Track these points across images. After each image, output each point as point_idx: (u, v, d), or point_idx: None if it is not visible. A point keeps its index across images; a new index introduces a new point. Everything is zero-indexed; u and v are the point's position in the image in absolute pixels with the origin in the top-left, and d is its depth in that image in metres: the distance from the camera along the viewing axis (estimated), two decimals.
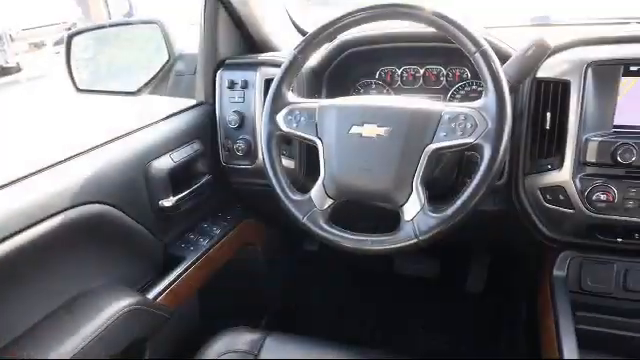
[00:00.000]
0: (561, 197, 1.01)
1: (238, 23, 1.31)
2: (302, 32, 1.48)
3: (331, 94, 1.22)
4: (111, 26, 1.58)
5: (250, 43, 1.37)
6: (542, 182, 1.03)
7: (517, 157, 1.06)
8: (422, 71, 1.24)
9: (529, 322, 1.22)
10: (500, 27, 1.44)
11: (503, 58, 0.97)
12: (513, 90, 0.98)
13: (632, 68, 0.95)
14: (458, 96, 1.22)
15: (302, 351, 1.04)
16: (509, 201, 1.10)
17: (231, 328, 1.11)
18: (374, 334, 1.69)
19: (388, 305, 1.78)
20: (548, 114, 1.01)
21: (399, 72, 1.26)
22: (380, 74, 1.27)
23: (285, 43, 1.40)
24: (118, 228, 1.05)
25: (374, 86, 1.28)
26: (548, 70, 1.02)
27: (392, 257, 1.82)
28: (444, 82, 1.23)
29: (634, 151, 0.94)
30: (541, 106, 1.02)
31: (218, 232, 1.30)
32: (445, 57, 1.21)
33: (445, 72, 1.22)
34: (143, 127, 1.17)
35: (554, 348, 0.91)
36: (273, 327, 1.20)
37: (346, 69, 1.27)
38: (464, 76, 1.21)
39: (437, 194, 0.91)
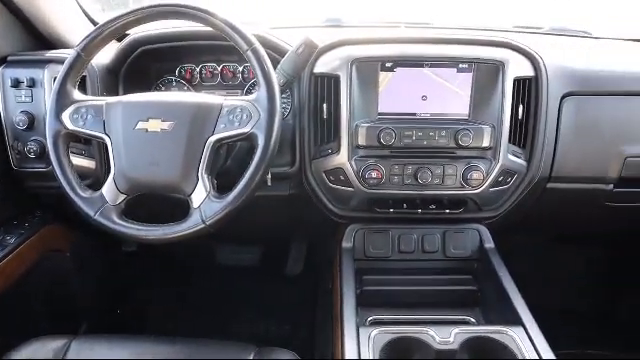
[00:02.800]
0: (342, 177, 1.16)
1: (19, 16, 1.24)
2: None
3: (130, 92, 1.23)
4: None
5: (38, 39, 1.30)
6: (326, 165, 1.17)
7: (303, 145, 1.17)
8: (220, 68, 1.30)
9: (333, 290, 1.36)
10: (296, 27, 1.56)
11: (282, 54, 1.08)
12: (290, 84, 1.09)
13: (387, 64, 1.12)
14: (254, 91, 1.31)
15: (110, 350, 1.04)
16: (301, 185, 1.22)
17: (36, 337, 1.06)
18: (210, 326, 1.73)
19: (216, 296, 1.83)
20: (324, 105, 1.14)
21: (198, 69, 1.30)
22: (180, 71, 1.31)
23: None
24: None
25: (175, 84, 1.31)
26: (323, 66, 1.15)
27: (213, 249, 1.87)
28: (240, 78, 1.30)
29: (393, 134, 1.11)
30: (319, 98, 1.15)
31: (13, 241, 1.22)
32: (239, 54, 1.28)
33: (241, 69, 1.30)
34: None
35: (338, 308, 1.04)
36: (94, 332, 1.17)
37: (144, 67, 1.27)
38: None
39: (233, 182, 0.98)
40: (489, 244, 1.20)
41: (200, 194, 0.94)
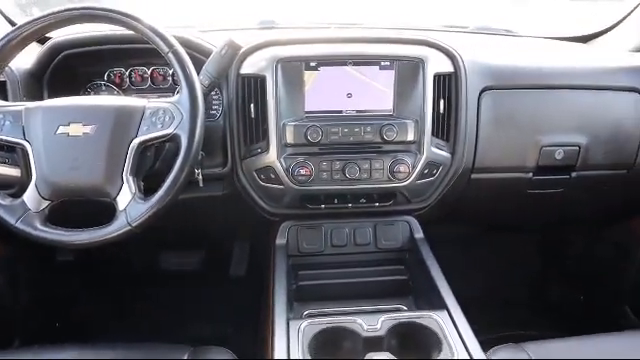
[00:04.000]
0: (272, 175, 1.18)
1: None
2: None
3: (56, 97, 1.20)
4: None
5: None
6: (256, 164, 1.19)
7: (233, 145, 1.19)
8: (149, 72, 1.30)
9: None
10: (229, 30, 1.57)
11: (208, 56, 1.09)
12: (216, 85, 1.10)
13: (311, 64, 1.15)
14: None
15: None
16: (234, 185, 1.23)
17: None
18: (153, 332, 1.71)
19: (160, 303, 1.80)
20: (252, 105, 1.16)
21: (127, 73, 1.29)
22: (109, 76, 1.29)
23: None
24: None
25: (104, 88, 1.29)
26: (249, 67, 1.17)
27: (156, 256, 1.86)
28: (170, 81, 1.30)
29: (320, 132, 1.14)
30: (246, 99, 1.16)
31: None
32: None
33: (171, 72, 1.29)
34: None
35: (270, 304, 1.06)
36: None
37: (71, 71, 1.25)
38: None
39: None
40: (419, 234, 1.25)
41: (125, 196, 0.94)
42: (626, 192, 1.44)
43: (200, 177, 1.14)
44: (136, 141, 0.95)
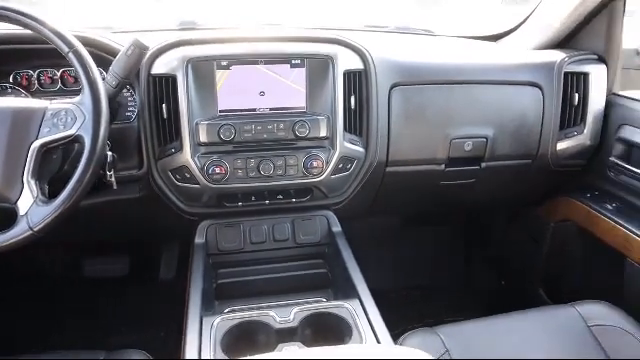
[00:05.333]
0: (187, 175, 1.18)
1: None
2: None
3: None
4: None
5: None
6: (171, 164, 1.18)
7: (147, 145, 1.17)
8: (59, 73, 1.26)
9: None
10: (147, 31, 1.55)
11: (116, 56, 1.08)
12: (124, 86, 1.09)
13: (222, 63, 1.16)
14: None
15: None
16: (150, 186, 1.22)
17: None
18: (79, 340, 1.65)
19: (85, 310, 1.75)
20: (164, 105, 1.15)
21: (35, 75, 1.25)
22: (15, 78, 1.25)
23: None
24: None
25: (10, 90, 1.25)
26: (160, 67, 1.16)
27: (80, 263, 1.80)
28: None
29: (233, 130, 1.15)
30: (158, 99, 1.16)
31: None
32: None
33: None
34: None
35: (186, 302, 1.06)
36: None
37: None
38: None
39: None
40: (336, 228, 1.28)
41: (27, 200, 0.91)
42: (532, 180, 1.54)
43: (113, 179, 1.12)
44: (36, 143, 0.92)
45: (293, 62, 1.19)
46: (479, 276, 2.02)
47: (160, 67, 1.16)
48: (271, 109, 1.20)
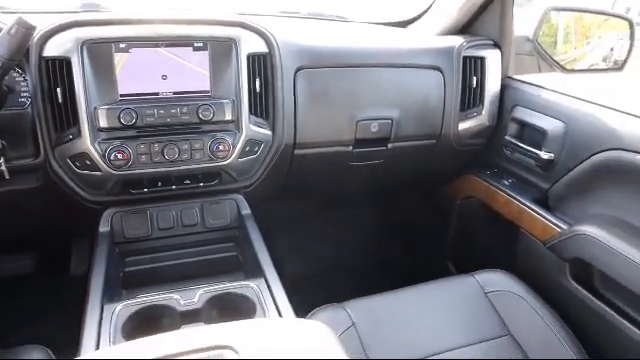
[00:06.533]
0: (88, 162, 1.14)
1: None
2: None
3: None
4: None
5: None
6: (70, 151, 1.14)
7: (43, 132, 1.12)
8: None
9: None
10: (46, 12, 1.47)
11: None
12: (9, 68, 1.03)
13: (121, 45, 1.13)
14: None
15: None
16: (49, 175, 1.17)
17: None
18: None
19: None
20: (59, 89, 1.11)
21: None
22: None
23: None
24: None
25: None
26: (53, 49, 1.11)
27: None
28: None
29: (134, 114, 1.13)
30: (52, 82, 1.11)
31: None
32: None
33: None
34: None
35: (87, 294, 1.02)
36: None
37: None
38: None
39: None
40: (245, 211, 1.29)
41: None
42: (438, 160, 1.62)
43: (3, 168, 1.07)
44: None
45: (196, 45, 1.18)
46: (394, 254, 2.10)
47: (52, 49, 1.11)
48: (174, 93, 1.18)
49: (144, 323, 0.95)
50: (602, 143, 1.21)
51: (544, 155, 1.37)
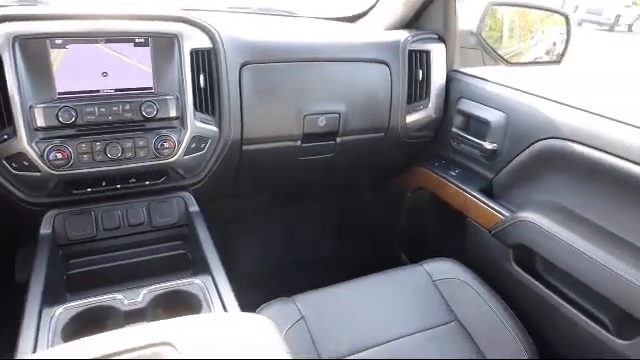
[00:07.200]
0: (25, 163, 1.10)
1: None
2: None
3: None
4: None
5: None
6: (5, 152, 1.09)
7: None
8: None
9: None
10: None
11: None
12: None
13: (57, 41, 1.09)
14: None
15: None
16: None
17: None
18: None
19: None
20: None
21: None
22: None
23: None
24: None
25: None
26: None
27: None
28: None
29: (73, 113, 1.10)
30: None
31: None
32: None
33: None
34: None
35: (26, 299, 0.99)
36: None
37: None
38: None
39: None
40: (193, 208, 1.27)
41: None
42: (388, 153, 1.64)
43: None
44: None
45: (137, 41, 1.15)
46: (349, 246, 2.13)
47: None
48: (116, 90, 1.16)
49: (87, 326, 0.93)
50: (540, 132, 1.26)
51: (488, 145, 1.41)
